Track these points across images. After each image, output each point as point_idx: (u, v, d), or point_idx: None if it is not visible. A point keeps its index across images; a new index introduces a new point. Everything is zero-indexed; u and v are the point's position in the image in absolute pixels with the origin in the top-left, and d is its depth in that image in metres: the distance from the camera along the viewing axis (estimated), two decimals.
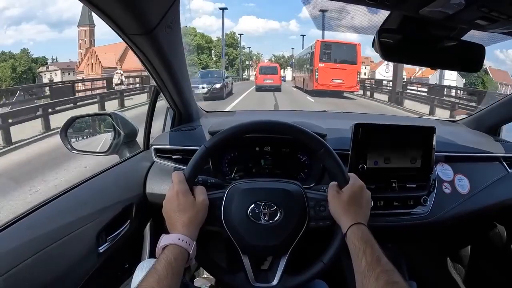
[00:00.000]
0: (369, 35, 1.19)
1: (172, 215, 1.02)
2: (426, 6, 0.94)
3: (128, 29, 1.00)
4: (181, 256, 0.93)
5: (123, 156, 1.65)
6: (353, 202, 1.08)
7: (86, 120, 1.78)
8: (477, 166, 1.75)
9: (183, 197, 1.02)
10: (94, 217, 1.20)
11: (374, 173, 1.43)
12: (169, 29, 1.09)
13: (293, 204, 1.10)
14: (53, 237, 1.04)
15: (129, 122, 1.70)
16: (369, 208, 1.12)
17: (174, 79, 1.40)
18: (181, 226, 0.99)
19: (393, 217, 1.48)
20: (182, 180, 1.06)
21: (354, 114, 2.62)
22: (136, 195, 1.43)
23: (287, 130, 1.17)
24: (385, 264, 0.92)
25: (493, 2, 0.85)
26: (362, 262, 0.93)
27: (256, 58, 78.35)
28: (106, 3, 0.85)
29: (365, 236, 1.00)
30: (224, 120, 1.76)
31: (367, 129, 1.41)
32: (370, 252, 0.94)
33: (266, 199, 1.09)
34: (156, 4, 0.97)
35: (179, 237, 0.96)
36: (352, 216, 1.05)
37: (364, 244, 0.96)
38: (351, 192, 1.09)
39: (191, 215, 1.01)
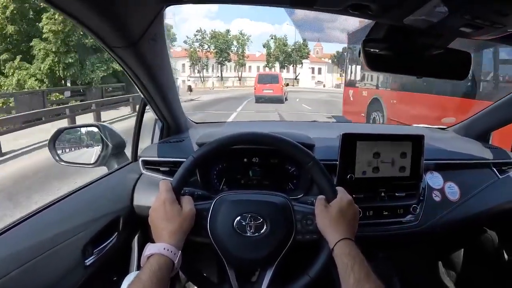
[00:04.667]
0: (356, 44, 1.19)
1: (158, 224, 1.01)
2: (410, 15, 0.94)
3: (110, 42, 0.99)
4: (165, 265, 0.93)
5: (111, 168, 1.64)
6: (340, 217, 1.07)
7: (74, 131, 1.76)
8: (467, 173, 1.75)
9: (169, 206, 1.02)
10: (81, 229, 1.19)
11: (363, 183, 1.43)
12: (153, 41, 1.08)
13: (279, 217, 1.09)
14: (39, 250, 1.02)
15: (117, 133, 1.69)
16: (356, 223, 1.12)
17: (161, 90, 1.39)
18: (166, 235, 0.98)
19: (382, 226, 1.47)
20: (169, 189, 1.06)
21: (343, 124, 2.64)
22: (123, 207, 1.42)
23: (276, 142, 1.16)
24: (374, 281, 0.92)
25: (476, 10, 0.85)
26: (350, 278, 0.92)
27: (241, 45, 66.97)
28: (88, 17, 0.84)
29: (353, 251, 0.99)
30: (212, 131, 1.75)
31: (354, 138, 1.40)
32: (358, 269, 0.93)
33: (253, 211, 1.09)
34: (139, 16, 0.96)
35: (164, 246, 0.95)
36: (339, 232, 1.04)
37: (352, 260, 0.96)
38: (339, 207, 1.09)
39: (177, 224, 1.00)
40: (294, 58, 66.26)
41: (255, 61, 70.84)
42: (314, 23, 58.93)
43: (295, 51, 66.34)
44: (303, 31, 60.20)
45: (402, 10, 0.93)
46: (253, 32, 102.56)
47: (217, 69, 67.50)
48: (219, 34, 63.85)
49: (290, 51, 66.54)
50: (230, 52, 64.82)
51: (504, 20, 0.88)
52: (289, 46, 67.26)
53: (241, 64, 66.67)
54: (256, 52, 72.28)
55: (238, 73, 68.66)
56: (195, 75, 65.50)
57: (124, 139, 1.71)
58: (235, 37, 65.53)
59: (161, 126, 1.74)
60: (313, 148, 1.54)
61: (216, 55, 62.92)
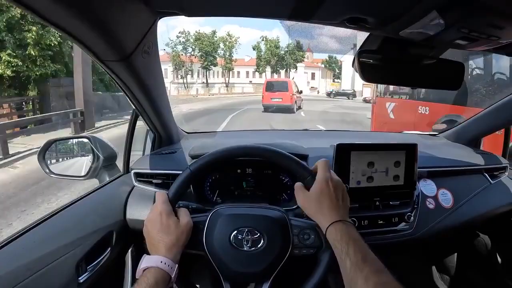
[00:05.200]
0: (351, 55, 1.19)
1: (155, 236, 0.98)
2: (407, 28, 0.95)
3: (103, 56, 0.98)
4: (162, 279, 0.90)
5: (102, 180, 1.62)
6: (324, 199, 1.02)
7: (65, 143, 1.74)
8: (459, 179, 1.77)
9: (166, 218, 0.99)
10: (74, 246, 1.16)
11: (357, 192, 1.42)
12: (146, 54, 1.07)
13: (276, 231, 1.08)
14: (32, 268, 1.00)
15: (108, 145, 1.66)
16: (345, 199, 1.08)
17: (153, 102, 1.38)
18: (163, 248, 0.96)
19: (378, 235, 1.47)
20: (165, 200, 1.04)
21: (335, 132, 2.63)
22: (116, 222, 1.39)
23: (278, 157, 1.15)
24: (373, 263, 0.89)
25: (473, 23, 0.85)
26: (347, 263, 0.89)
27: (228, 48, 62.35)
28: (80, 31, 0.83)
29: (345, 235, 0.95)
30: (205, 142, 1.74)
31: (348, 149, 1.40)
32: (354, 252, 0.90)
33: (250, 226, 1.07)
34: (132, 30, 0.95)
35: (161, 259, 0.93)
36: (326, 216, 1.00)
37: (346, 245, 0.92)
38: (320, 189, 1.04)
39: (175, 237, 0.98)
40: (287, 62, 62.29)
41: (244, 66, 66.84)
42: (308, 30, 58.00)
43: (288, 53, 62.91)
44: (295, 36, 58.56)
45: (399, 23, 0.94)
46: (242, 38, 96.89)
47: (202, 75, 63.50)
48: (204, 36, 60.36)
49: (283, 54, 62.61)
50: (217, 56, 61.19)
51: (500, 32, 0.89)
52: (282, 49, 63.28)
53: (229, 69, 63.01)
54: (245, 56, 68.66)
55: (225, 78, 64.81)
56: (178, 81, 61.50)
57: (116, 150, 1.69)
58: (222, 39, 61.98)
59: (153, 137, 1.72)
60: (307, 159, 1.54)
61: (201, 58, 59.44)
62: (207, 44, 59.26)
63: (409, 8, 0.85)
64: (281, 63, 63.19)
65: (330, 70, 62.81)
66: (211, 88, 59.60)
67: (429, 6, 0.81)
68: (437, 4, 0.79)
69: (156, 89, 1.32)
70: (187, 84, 61.29)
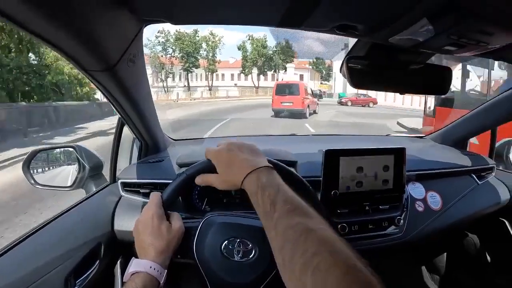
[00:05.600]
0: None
1: (145, 239, 0.96)
2: (396, 35, 0.95)
3: (87, 66, 0.95)
4: (151, 285, 0.88)
5: (89, 191, 1.59)
6: (226, 164, 0.98)
7: (50, 153, 1.71)
8: (448, 181, 1.78)
9: (158, 222, 0.97)
10: (62, 260, 1.13)
11: (347, 198, 1.42)
12: (132, 63, 1.05)
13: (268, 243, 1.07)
14: (19, 285, 0.97)
15: (94, 154, 1.64)
16: (249, 149, 1.02)
17: (139, 111, 1.35)
18: (153, 253, 0.93)
19: (368, 240, 1.47)
20: (159, 203, 1.01)
21: (323, 137, 2.62)
22: (104, 233, 1.36)
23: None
24: (284, 204, 0.78)
25: (462, 30, 0.85)
26: (260, 214, 0.82)
27: (211, 48, 57.14)
28: (63, 41, 0.80)
29: (254, 183, 0.88)
30: (192, 149, 1.72)
31: (337, 154, 1.40)
32: (262, 197, 0.82)
33: (242, 237, 1.06)
34: (117, 39, 0.92)
35: (150, 264, 0.90)
36: (236, 175, 0.93)
37: (256, 194, 0.85)
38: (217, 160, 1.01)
39: (165, 242, 0.96)
40: (276, 62, 58.73)
41: (229, 68, 62.68)
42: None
43: (277, 53, 58.80)
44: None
45: (389, 30, 0.93)
46: (227, 39, 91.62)
47: (184, 78, 59.21)
48: (185, 36, 56.08)
49: (271, 54, 58.87)
50: (199, 57, 56.91)
51: (489, 38, 0.89)
52: (270, 48, 59.36)
53: (212, 71, 59.66)
54: (230, 58, 64.44)
55: (208, 81, 60.21)
56: (158, 85, 56.62)
57: (102, 159, 1.66)
58: (204, 38, 57.30)
59: (139, 145, 1.70)
60: (295, 165, 1.53)
61: (182, 60, 56.09)
62: (188, 44, 55.32)
63: (399, 15, 0.85)
64: (269, 64, 59.28)
65: (318, 72, 59.20)
66: (193, 92, 55.11)
67: (419, 14, 0.81)
68: (428, 12, 0.79)
69: (142, 97, 1.30)
70: (167, 88, 58.10)
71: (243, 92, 52.44)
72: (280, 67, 58.96)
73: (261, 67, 58.99)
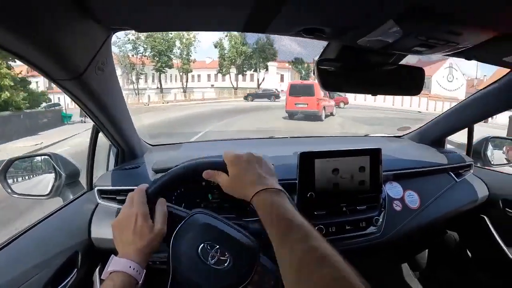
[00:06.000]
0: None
1: (126, 237, 0.94)
2: (364, 37, 0.95)
3: (54, 75, 0.94)
4: (129, 284, 0.87)
5: (66, 198, 1.57)
6: (243, 174, 1.02)
7: (26, 161, 1.69)
8: (425, 180, 1.80)
9: (142, 221, 0.95)
10: (38, 270, 1.12)
11: (324, 199, 1.43)
12: (100, 71, 1.04)
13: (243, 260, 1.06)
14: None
15: (70, 162, 1.63)
16: (265, 167, 1.06)
17: (112, 117, 1.34)
18: (133, 252, 0.92)
19: (346, 240, 1.48)
20: (144, 201, 0.99)
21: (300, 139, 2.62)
22: (81, 241, 1.35)
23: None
24: (299, 229, 0.81)
25: (430, 31, 0.86)
26: (272, 235, 0.84)
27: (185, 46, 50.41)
28: (29, 52, 0.80)
29: (268, 203, 0.91)
30: (169, 155, 1.70)
31: (312, 157, 1.40)
32: (277, 220, 0.85)
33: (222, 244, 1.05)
34: (82, 49, 0.92)
35: (129, 264, 0.89)
36: (248, 189, 0.97)
37: (269, 214, 0.88)
38: (236, 168, 1.03)
39: (146, 242, 0.94)
40: (256, 61, 53.11)
41: (206, 69, 57.11)
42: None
43: (258, 51, 52.87)
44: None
45: (356, 32, 0.94)
46: (204, 38, 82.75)
47: (157, 79, 53.45)
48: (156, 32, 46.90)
49: (250, 52, 52.95)
50: (172, 56, 51.70)
51: (457, 38, 0.90)
52: (250, 46, 52.80)
53: (186, 71, 53.58)
54: (206, 58, 58.50)
55: (182, 83, 54.65)
56: (128, 87, 49.44)
57: (78, 167, 1.65)
58: (178, 35, 50.42)
59: (116, 152, 1.69)
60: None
61: (154, 59, 50.07)
62: (161, 42, 49.11)
63: (365, 18, 0.85)
64: (249, 63, 53.80)
65: (298, 72, 54.97)
66: (166, 94, 49.79)
67: (385, 16, 0.81)
68: (393, 14, 0.80)
69: (115, 104, 1.29)
70: (138, 90, 51.08)
71: (220, 94, 48.63)
72: (261, 66, 54.09)
73: (240, 67, 54.03)
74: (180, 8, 0.84)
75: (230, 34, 50.45)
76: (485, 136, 2.19)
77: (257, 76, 54.50)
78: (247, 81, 55.10)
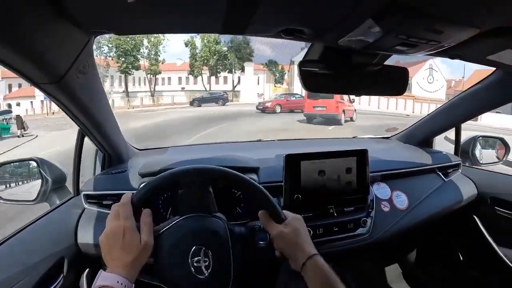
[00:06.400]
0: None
1: (113, 251, 0.93)
2: (345, 37, 0.95)
3: (35, 79, 0.93)
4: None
5: (53, 204, 1.56)
6: (300, 234, 1.07)
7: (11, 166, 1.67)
8: (413, 180, 1.80)
9: (129, 236, 0.94)
10: (25, 274, 1.11)
11: (310, 201, 1.43)
12: (82, 74, 1.03)
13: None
14: None
15: (56, 166, 1.61)
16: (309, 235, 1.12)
17: (97, 121, 1.33)
18: (121, 267, 0.91)
19: (334, 242, 1.48)
20: (130, 213, 0.98)
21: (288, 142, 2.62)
22: (67, 247, 1.34)
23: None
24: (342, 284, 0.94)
25: (409, 29, 0.86)
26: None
27: (154, 45, 45.10)
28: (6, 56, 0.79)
29: (322, 268, 1.00)
30: (155, 159, 1.69)
31: (298, 159, 1.41)
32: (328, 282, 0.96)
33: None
34: (61, 52, 0.91)
35: (117, 279, 0.88)
36: (304, 251, 1.04)
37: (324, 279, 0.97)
38: (295, 224, 1.09)
39: (134, 257, 0.93)
40: (231, 61, 47.34)
41: (176, 71, 51.56)
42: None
43: (233, 50, 47.31)
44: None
45: (336, 32, 0.94)
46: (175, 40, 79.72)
47: (124, 81, 47.40)
48: None
49: (225, 51, 47.66)
50: (139, 56, 45.83)
51: (439, 37, 0.90)
52: (225, 44, 47.43)
53: (154, 73, 47.78)
54: (177, 60, 53.38)
55: (150, 86, 48.94)
56: None
57: (65, 172, 1.64)
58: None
59: (102, 156, 1.68)
60: (257, 171, 1.53)
61: (119, 60, 44.37)
62: (126, 40, 43.05)
63: (343, 17, 0.85)
64: (223, 63, 48.37)
65: (272, 74, 50.74)
66: (133, 99, 43.78)
67: (363, 15, 0.81)
68: (371, 12, 0.79)
69: (99, 108, 1.28)
70: None
71: (192, 97, 39.60)
72: (236, 67, 48.17)
73: (213, 68, 48.65)
74: (159, 11, 0.84)
75: None
76: (473, 136, 2.21)
77: (232, 77, 49.28)
78: (221, 83, 50.46)
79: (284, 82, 49.72)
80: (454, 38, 0.93)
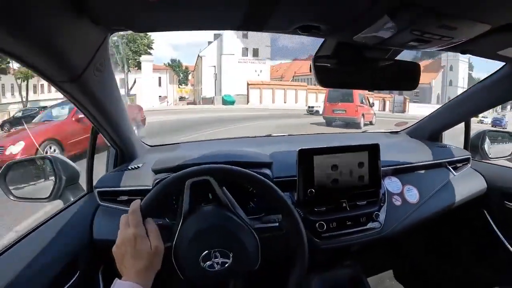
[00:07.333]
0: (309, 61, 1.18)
1: (126, 260, 0.95)
2: (360, 33, 0.96)
3: (53, 77, 0.94)
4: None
5: (66, 201, 1.57)
6: None
7: (25, 165, 1.69)
8: (424, 174, 1.81)
9: (140, 243, 0.95)
10: (41, 272, 1.12)
11: (323, 196, 1.44)
12: (99, 72, 1.04)
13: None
14: None
15: (69, 164, 1.63)
16: None
17: (111, 118, 1.35)
18: (135, 274, 0.92)
19: (347, 236, 1.48)
20: (139, 221, 0.99)
21: (298, 137, 2.63)
22: (83, 243, 1.35)
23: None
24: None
25: (425, 26, 0.87)
26: None
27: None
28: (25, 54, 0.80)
29: None
30: (167, 156, 1.70)
31: (311, 153, 1.42)
32: None
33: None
34: (80, 50, 0.92)
35: (132, 286, 0.89)
36: None
37: None
38: None
39: (147, 263, 0.94)
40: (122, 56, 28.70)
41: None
42: None
43: (126, 41, 37.29)
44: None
45: (352, 29, 0.95)
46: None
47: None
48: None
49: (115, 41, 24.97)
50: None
51: (452, 33, 0.90)
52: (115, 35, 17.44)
53: (26, 77, 35.51)
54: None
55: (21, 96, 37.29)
56: None
57: (78, 169, 1.65)
58: None
59: (115, 153, 1.69)
60: (271, 166, 1.54)
61: None
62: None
63: (360, 14, 0.86)
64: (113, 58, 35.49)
65: (175, 74, 48.35)
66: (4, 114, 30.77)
67: (379, 12, 0.81)
68: (388, 9, 0.80)
69: (113, 105, 1.29)
70: None
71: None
72: (130, 63, 38.60)
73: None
74: (178, 8, 0.84)
75: None
76: (483, 130, 2.21)
77: (126, 78, 36.46)
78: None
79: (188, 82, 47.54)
80: (466, 34, 0.94)
